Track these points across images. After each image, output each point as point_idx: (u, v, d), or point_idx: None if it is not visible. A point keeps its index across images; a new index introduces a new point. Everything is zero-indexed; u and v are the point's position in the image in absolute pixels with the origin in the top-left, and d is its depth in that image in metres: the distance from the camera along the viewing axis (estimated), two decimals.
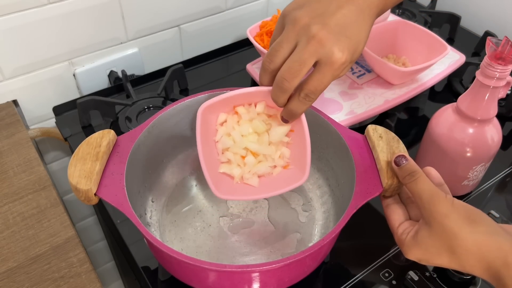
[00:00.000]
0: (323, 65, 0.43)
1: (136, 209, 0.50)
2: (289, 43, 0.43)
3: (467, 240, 0.39)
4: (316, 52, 0.42)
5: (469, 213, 0.41)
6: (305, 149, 0.50)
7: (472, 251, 0.39)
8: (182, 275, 0.50)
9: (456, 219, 0.40)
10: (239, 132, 0.53)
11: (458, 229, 0.40)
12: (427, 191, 0.42)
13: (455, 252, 0.40)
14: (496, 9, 0.97)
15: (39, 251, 0.55)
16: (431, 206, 0.41)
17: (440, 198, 0.41)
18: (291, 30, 0.43)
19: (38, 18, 0.70)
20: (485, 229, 0.40)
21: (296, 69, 0.42)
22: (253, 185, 0.54)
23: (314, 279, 0.56)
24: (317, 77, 0.43)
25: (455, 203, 0.41)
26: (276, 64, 0.44)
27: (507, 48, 0.50)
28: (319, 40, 0.42)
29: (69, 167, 0.48)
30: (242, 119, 0.53)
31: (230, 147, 0.54)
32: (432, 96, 0.82)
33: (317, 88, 0.44)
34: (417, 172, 0.44)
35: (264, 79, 0.47)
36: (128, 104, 0.77)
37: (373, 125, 0.53)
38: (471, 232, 0.39)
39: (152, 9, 0.81)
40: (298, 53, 0.42)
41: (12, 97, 0.76)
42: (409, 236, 0.44)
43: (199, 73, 0.88)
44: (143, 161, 0.55)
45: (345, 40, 0.42)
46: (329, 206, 0.59)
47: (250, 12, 0.95)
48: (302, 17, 0.43)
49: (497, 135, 0.59)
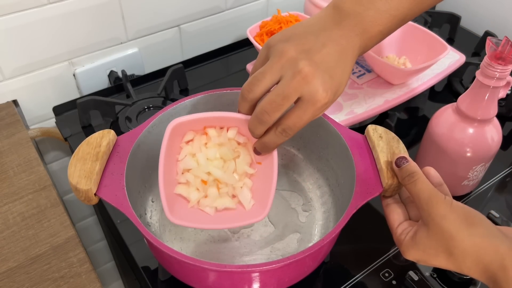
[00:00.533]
0: (305, 103, 0.41)
1: (136, 209, 0.50)
2: (273, 74, 0.42)
3: (465, 242, 0.39)
4: (301, 88, 0.41)
5: (467, 215, 0.41)
6: (270, 184, 0.48)
7: (469, 253, 0.39)
8: (182, 275, 0.50)
9: (454, 221, 0.40)
10: (205, 155, 0.50)
11: (455, 231, 0.40)
12: (426, 192, 0.42)
13: (453, 254, 0.40)
14: (496, 9, 0.97)
15: (39, 251, 0.55)
16: (429, 207, 0.42)
17: (439, 199, 0.42)
18: (276, 62, 0.42)
19: (38, 18, 0.70)
20: (482, 232, 0.40)
21: (279, 103, 0.41)
22: (209, 213, 0.51)
23: (314, 279, 0.56)
24: (297, 114, 0.42)
25: (453, 204, 0.41)
26: (256, 94, 0.43)
27: (507, 48, 0.50)
28: (304, 76, 0.40)
29: (69, 167, 0.48)
30: (211, 142, 0.50)
31: (192, 169, 0.51)
32: (432, 96, 0.82)
33: (295, 124, 0.43)
34: (417, 173, 0.44)
35: (243, 107, 0.45)
36: (128, 104, 0.77)
37: (373, 125, 0.53)
38: (469, 234, 0.40)
39: (152, 9, 0.81)
40: (282, 86, 0.41)
41: (12, 97, 0.76)
42: (408, 237, 0.44)
43: (199, 73, 0.88)
44: (143, 161, 0.55)
45: (329, 80, 0.41)
46: (329, 206, 0.59)
47: (250, 12, 0.95)
48: (289, 50, 0.42)
49: (497, 135, 0.59)
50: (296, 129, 0.43)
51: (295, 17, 0.77)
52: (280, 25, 0.74)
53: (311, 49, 0.42)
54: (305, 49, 0.42)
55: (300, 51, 0.41)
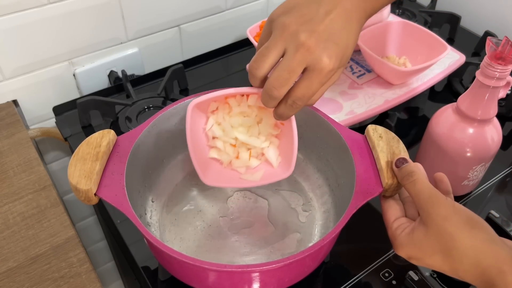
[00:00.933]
0: (311, 72, 0.43)
1: (136, 209, 0.50)
2: (277, 50, 0.43)
3: (465, 244, 0.39)
4: (305, 59, 0.42)
5: (470, 218, 0.41)
6: (292, 144, 0.51)
7: (468, 256, 0.39)
8: (182, 275, 0.50)
9: (457, 222, 0.40)
10: (229, 123, 0.54)
11: (457, 233, 0.40)
12: (426, 192, 0.42)
13: (451, 255, 0.40)
14: (496, 9, 0.97)
15: (39, 251, 0.55)
16: (429, 207, 0.42)
17: (440, 199, 0.42)
18: (279, 37, 0.43)
19: (38, 18, 0.70)
20: (484, 236, 0.40)
21: (285, 77, 0.42)
22: (240, 172, 0.56)
23: (314, 279, 0.56)
24: (305, 84, 0.43)
25: (456, 206, 0.41)
26: (264, 70, 0.44)
27: (507, 48, 0.50)
28: (307, 48, 0.41)
29: (69, 167, 0.48)
30: (233, 111, 0.54)
31: (219, 136, 0.55)
32: (432, 96, 0.82)
33: (304, 94, 0.44)
34: (416, 173, 0.44)
35: (254, 83, 0.47)
36: (128, 104, 0.77)
37: (373, 125, 0.53)
38: (470, 237, 0.39)
39: (152, 9, 0.81)
40: (286, 61, 0.42)
41: (12, 97, 0.76)
42: (404, 233, 0.44)
43: (199, 73, 0.88)
44: (143, 161, 0.55)
45: (332, 47, 0.42)
46: (329, 206, 0.59)
47: (250, 12, 0.95)
48: (290, 24, 0.42)
49: (497, 135, 0.59)
50: (305, 99, 0.44)
51: None
52: None
53: (313, 19, 0.42)
54: (306, 20, 0.42)
55: (302, 23, 0.42)
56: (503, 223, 0.60)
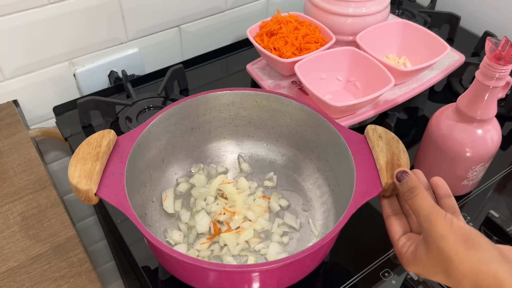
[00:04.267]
0: None
1: (136, 209, 0.50)
2: None
3: (462, 265, 0.39)
4: None
5: (467, 236, 0.40)
6: None
7: (466, 277, 0.39)
8: (182, 275, 0.50)
9: (453, 242, 0.40)
10: None
11: (453, 253, 0.39)
12: (426, 209, 0.42)
13: (450, 275, 0.40)
14: (496, 9, 0.97)
15: (39, 250, 0.55)
16: (428, 225, 0.41)
17: (438, 217, 0.41)
18: None
19: (38, 18, 0.71)
20: (481, 256, 0.39)
21: None
22: None
23: (314, 279, 0.56)
24: None
25: (454, 224, 0.41)
26: None
27: (507, 48, 0.50)
28: None
29: (70, 167, 0.48)
30: None
31: None
32: (431, 96, 0.82)
33: None
34: (417, 188, 0.44)
35: None
36: (128, 104, 0.77)
37: (372, 125, 0.53)
38: (467, 258, 0.39)
39: (152, 9, 0.81)
40: None
41: (12, 97, 0.76)
42: (409, 251, 0.44)
43: (199, 73, 0.88)
44: (143, 161, 0.55)
45: None
46: (329, 206, 0.59)
47: (250, 12, 0.95)
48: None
49: (497, 135, 0.59)
50: None
51: (295, 17, 0.77)
52: (280, 25, 0.74)
53: None
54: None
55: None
56: (503, 223, 0.60)
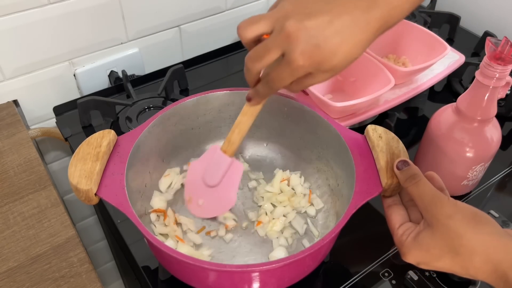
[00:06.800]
0: (283, 60, 0.42)
1: (136, 209, 0.50)
2: (266, 25, 0.43)
3: (473, 240, 0.39)
4: (281, 45, 0.41)
5: (474, 214, 0.40)
6: None
7: (477, 252, 0.38)
8: (182, 275, 0.50)
9: (461, 220, 0.40)
10: None
11: (463, 230, 0.39)
12: (429, 194, 0.42)
13: (459, 253, 0.39)
14: (496, 9, 0.97)
15: (39, 250, 0.55)
16: (433, 208, 0.41)
17: (443, 200, 0.41)
18: (272, 15, 0.43)
19: (39, 18, 0.71)
20: (491, 230, 0.39)
21: (260, 53, 0.43)
22: None
23: (314, 279, 0.56)
24: (277, 70, 0.43)
25: (458, 204, 0.41)
26: (248, 36, 0.44)
27: (507, 48, 0.50)
28: (287, 35, 0.41)
29: (70, 167, 0.48)
30: None
31: None
32: (431, 96, 0.82)
33: (275, 79, 0.44)
34: (418, 175, 0.44)
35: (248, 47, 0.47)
36: (129, 104, 0.77)
37: (372, 125, 0.53)
38: (477, 233, 0.39)
39: (152, 9, 0.81)
40: (268, 39, 0.42)
41: (12, 97, 0.76)
42: (409, 238, 0.44)
43: (199, 73, 0.88)
44: (143, 161, 0.55)
45: (312, 46, 0.40)
46: (329, 206, 0.59)
47: (250, 12, 0.95)
48: (287, 8, 0.42)
49: (497, 135, 0.59)
50: (276, 84, 0.45)
51: None
52: None
53: (310, 13, 0.41)
54: (304, 12, 0.41)
55: (298, 12, 0.41)
56: (503, 223, 0.60)
